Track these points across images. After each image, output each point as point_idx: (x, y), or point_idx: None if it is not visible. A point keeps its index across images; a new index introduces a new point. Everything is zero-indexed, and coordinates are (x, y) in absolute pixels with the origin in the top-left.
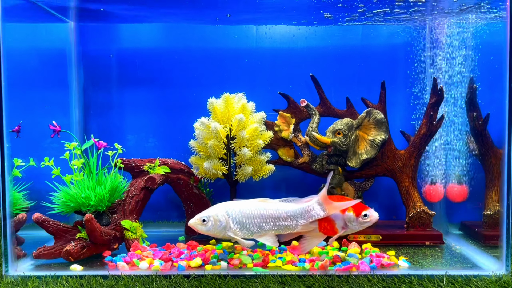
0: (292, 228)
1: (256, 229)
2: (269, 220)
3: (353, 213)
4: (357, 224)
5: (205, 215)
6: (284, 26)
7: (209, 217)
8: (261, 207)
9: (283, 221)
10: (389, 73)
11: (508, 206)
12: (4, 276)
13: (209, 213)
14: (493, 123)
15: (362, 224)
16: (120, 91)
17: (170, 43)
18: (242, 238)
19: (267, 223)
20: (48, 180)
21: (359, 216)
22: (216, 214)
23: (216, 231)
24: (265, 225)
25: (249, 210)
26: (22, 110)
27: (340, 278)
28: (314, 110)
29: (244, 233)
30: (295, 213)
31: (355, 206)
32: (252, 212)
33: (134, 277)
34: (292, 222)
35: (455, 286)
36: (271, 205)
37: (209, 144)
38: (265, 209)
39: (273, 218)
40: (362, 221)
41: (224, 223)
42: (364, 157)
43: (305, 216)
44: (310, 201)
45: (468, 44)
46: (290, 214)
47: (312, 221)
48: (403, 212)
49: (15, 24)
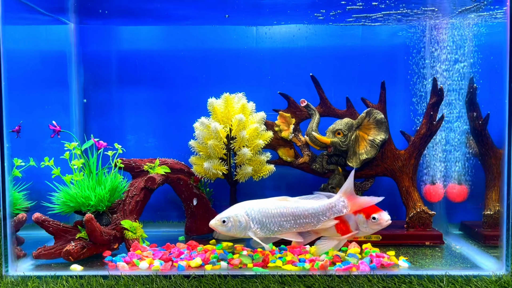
0: (313, 225)
1: (276, 228)
2: (290, 218)
3: (364, 216)
4: (367, 226)
5: (225, 216)
6: (284, 26)
7: (229, 217)
8: (281, 206)
9: (304, 218)
10: (389, 73)
11: (508, 206)
12: (4, 276)
13: (229, 213)
14: (493, 123)
15: (372, 227)
16: (120, 91)
17: (170, 43)
18: (263, 237)
19: (288, 222)
20: (48, 180)
21: (368, 218)
22: (235, 215)
23: (236, 231)
24: (285, 223)
25: (269, 209)
26: (22, 110)
27: (340, 278)
28: (314, 110)
29: (265, 233)
30: (316, 211)
31: (366, 208)
32: (272, 211)
33: (134, 277)
34: (313, 220)
35: (455, 286)
36: (291, 203)
37: (209, 144)
38: (285, 207)
39: (293, 216)
40: (372, 223)
41: (244, 223)
42: (364, 157)
43: (327, 213)
44: (332, 198)
45: (468, 44)
46: (311, 212)
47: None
48: (403, 212)
49: (16, 26)
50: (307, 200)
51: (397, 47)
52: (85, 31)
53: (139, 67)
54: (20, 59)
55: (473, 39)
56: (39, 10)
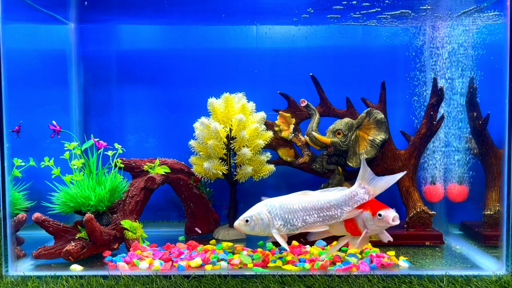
0: (338, 217)
1: (300, 223)
2: (312, 212)
3: (370, 213)
4: (374, 224)
5: (248, 215)
6: (284, 26)
7: (252, 216)
8: (302, 200)
9: (327, 211)
10: (389, 73)
11: (508, 206)
12: (4, 276)
13: (251, 212)
14: (493, 123)
15: (379, 224)
16: (120, 91)
17: (170, 43)
18: (287, 233)
19: (311, 216)
20: (48, 180)
21: (374, 216)
22: (257, 213)
23: (259, 229)
24: (308, 218)
25: (290, 204)
26: (22, 110)
27: (340, 278)
28: (314, 110)
29: (289, 229)
30: (338, 201)
31: (373, 206)
32: (293, 206)
33: (134, 277)
34: (337, 211)
35: (455, 286)
36: (312, 196)
37: (209, 144)
38: (306, 201)
39: (316, 210)
40: (378, 220)
41: (267, 221)
42: (364, 157)
43: (350, 203)
44: (352, 187)
45: (468, 44)
46: (334, 203)
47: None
48: (403, 212)
49: (16, 25)
50: (328, 192)
51: (397, 47)
52: (85, 30)
53: (139, 66)
54: (20, 58)
55: (473, 39)
56: (39, 9)
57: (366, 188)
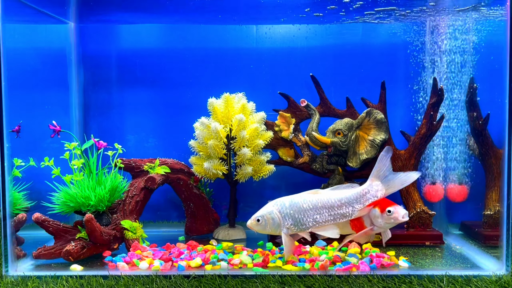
0: (349, 215)
1: (311, 222)
2: (323, 211)
3: (379, 209)
4: (382, 221)
5: (259, 214)
6: (284, 26)
7: (263, 216)
8: (312, 199)
9: (338, 209)
10: (389, 73)
11: (508, 206)
12: (4, 276)
13: (262, 212)
14: (493, 123)
15: (388, 221)
16: (120, 91)
17: (170, 43)
18: (298, 232)
19: (321, 215)
20: (48, 180)
21: (383, 212)
22: (268, 212)
23: (271, 229)
24: (319, 217)
25: (300, 203)
26: (22, 110)
27: (340, 278)
28: (314, 110)
29: (299, 228)
30: (349, 199)
31: (382, 203)
32: (303, 205)
33: (134, 277)
34: (348, 209)
35: (455, 286)
36: (323, 195)
37: (209, 144)
38: (317, 200)
39: (326, 208)
40: (387, 217)
41: (277, 220)
42: (364, 157)
43: (361, 200)
44: (364, 184)
45: (469, 43)
46: (344, 201)
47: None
48: None
49: (15, 25)
50: (339, 190)
51: (397, 47)
52: (85, 30)
53: (139, 66)
54: (20, 58)
55: (473, 38)
56: (39, 9)
57: (379, 185)
